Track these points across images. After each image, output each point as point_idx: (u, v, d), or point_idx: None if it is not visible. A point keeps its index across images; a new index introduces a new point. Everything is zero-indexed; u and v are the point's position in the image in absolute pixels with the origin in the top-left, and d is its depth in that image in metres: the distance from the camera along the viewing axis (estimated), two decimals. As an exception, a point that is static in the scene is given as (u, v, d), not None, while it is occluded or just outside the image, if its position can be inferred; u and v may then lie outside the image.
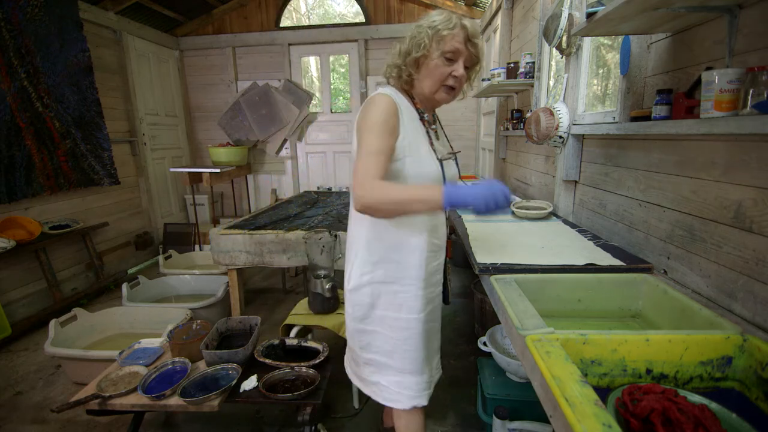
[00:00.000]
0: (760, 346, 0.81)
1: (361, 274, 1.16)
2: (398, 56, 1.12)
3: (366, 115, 1.05)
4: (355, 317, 1.21)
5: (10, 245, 2.59)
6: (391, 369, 1.20)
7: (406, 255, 1.15)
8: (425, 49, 1.06)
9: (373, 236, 1.15)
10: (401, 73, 1.12)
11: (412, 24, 1.13)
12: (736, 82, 0.90)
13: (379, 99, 1.06)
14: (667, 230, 1.29)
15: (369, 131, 1.02)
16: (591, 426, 0.60)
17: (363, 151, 1.00)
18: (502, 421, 1.36)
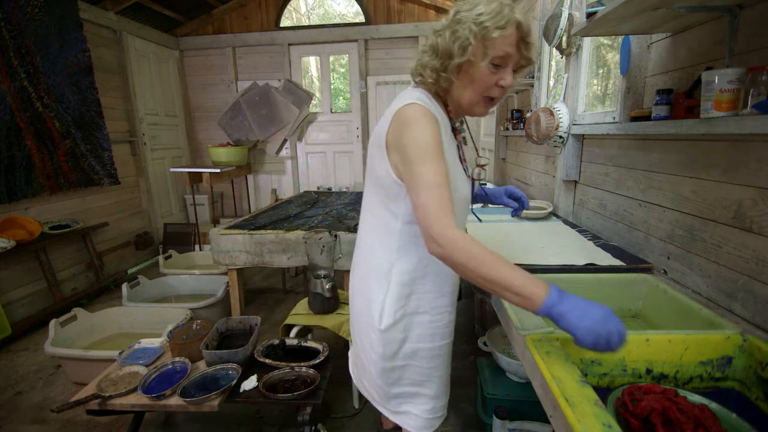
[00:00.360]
0: (760, 346, 0.81)
1: (395, 310, 1.02)
2: (435, 56, 0.92)
3: (406, 136, 0.87)
4: (385, 356, 1.05)
5: (10, 245, 2.59)
6: (422, 397, 1.11)
7: (439, 284, 1.05)
8: (470, 54, 0.86)
9: (404, 268, 1.01)
10: (439, 80, 0.93)
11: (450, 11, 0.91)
12: (736, 82, 0.90)
13: (418, 113, 0.88)
14: (667, 230, 1.29)
15: (422, 160, 0.85)
16: (591, 426, 0.60)
17: (423, 184, 0.84)
18: (502, 421, 1.36)
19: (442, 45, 0.89)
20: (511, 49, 0.87)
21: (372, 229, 1.05)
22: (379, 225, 1.03)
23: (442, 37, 0.89)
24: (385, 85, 4.72)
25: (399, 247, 0.99)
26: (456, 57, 0.87)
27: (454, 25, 0.88)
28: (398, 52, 4.63)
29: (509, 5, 0.85)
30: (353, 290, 1.14)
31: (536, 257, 1.34)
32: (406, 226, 0.97)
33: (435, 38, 0.91)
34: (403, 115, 0.89)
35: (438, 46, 0.90)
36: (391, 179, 0.94)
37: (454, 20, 0.88)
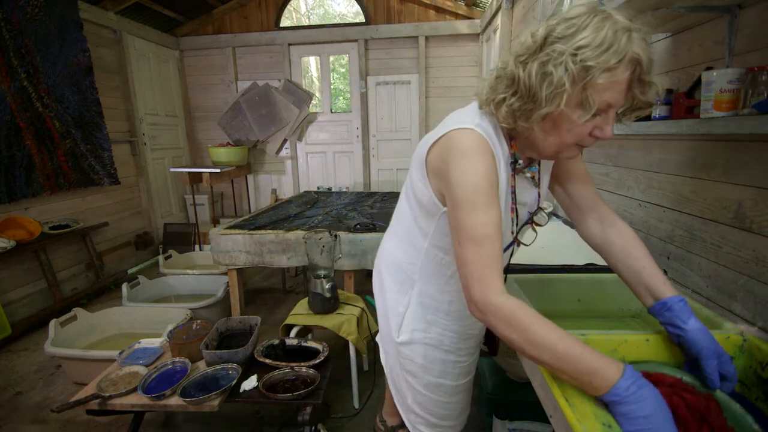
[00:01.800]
0: (760, 346, 0.81)
1: (413, 329, 0.96)
2: (514, 94, 0.70)
3: (455, 170, 0.73)
4: (405, 369, 1.03)
5: (10, 245, 2.59)
6: (441, 428, 1.09)
7: (467, 326, 0.97)
8: (564, 104, 0.65)
9: (426, 292, 0.94)
10: (516, 126, 0.74)
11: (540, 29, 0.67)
12: (736, 82, 0.90)
13: (474, 145, 0.72)
14: (667, 230, 1.29)
15: (471, 207, 0.71)
16: (591, 426, 0.60)
17: (467, 235, 0.71)
18: (502, 421, 1.36)
19: (526, 82, 0.67)
20: (619, 96, 0.66)
21: (398, 239, 0.98)
22: (405, 238, 0.95)
23: (527, 72, 0.67)
24: (385, 85, 4.72)
25: (423, 267, 0.92)
26: (544, 106, 0.67)
27: (544, 56, 0.65)
28: (398, 52, 4.63)
29: (627, 31, 0.63)
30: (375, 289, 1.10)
31: (536, 257, 1.34)
32: (432, 249, 0.89)
33: (515, 68, 0.69)
34: (455, 142, 0.74)
35: (520, 81, 0.68)
36: (428, 197, 0.83)
37: (545, 47, 0.65)
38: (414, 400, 1.06)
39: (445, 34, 4.50)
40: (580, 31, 0.62)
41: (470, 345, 1.01)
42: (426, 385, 1.01)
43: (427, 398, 1.03)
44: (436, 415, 1.06)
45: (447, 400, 1.04)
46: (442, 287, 0.93)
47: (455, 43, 4.52)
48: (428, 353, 0.97)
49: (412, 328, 0.96)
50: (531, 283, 1.21)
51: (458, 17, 4.47)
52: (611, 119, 0.69)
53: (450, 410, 1.06)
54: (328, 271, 1.93)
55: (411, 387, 1.04)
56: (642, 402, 0.59)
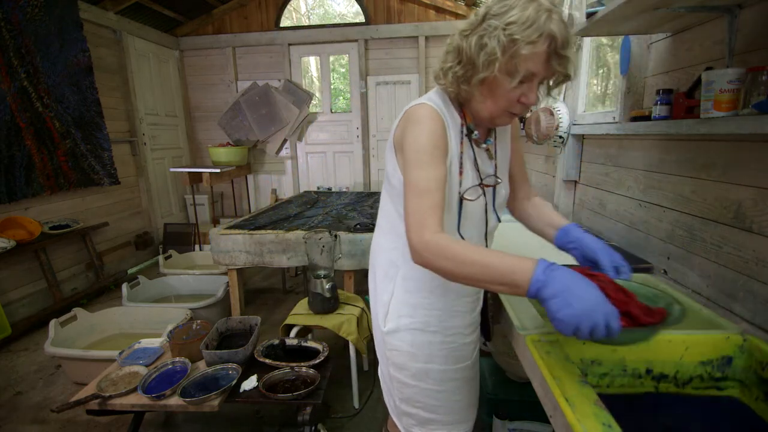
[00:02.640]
0: (760, 346, 0.81)
1: (398, 315, 0.97)
2: (458, 62, 0.83)
3: (408, 136, 0.84)
4: (391, 362, 1.01)
5: (10, 245, 2.59)
6: (435, 423, 1.02)
7: (451, 301, 0.98)
8: (497, 69, 0.77)
9: (409, 275, 0.96)
10: (459, 91, 0.86)
11: (481, 7, 0.80)
12: (736, 82, 0.90)
13: (423, 114, 0.83)
14: (667, 230, 1.29)
15: (416, 163, 0.81)
16: (591, 426, 0.60)
17: (412, 188, 0.80)
18: (502, 421, 1.36)
19: (467, 51, 0.80)
20: (540, 67, 0.77)
21: (382, 228, 1.02)
22: (386, 223, 1.00)
23: (468, 43, 0.79)
24: (385, 85, 4.72)
25: (404, 251, 0.91)
26: (481, 71, 0.79)
27: (481, 30, 0.78)
28: (398, 52, 4.63)
29: (547, 11, 0.74)
30: (370, 284, 1.10)
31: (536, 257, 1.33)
32: None
33: (460, 40, 0.82)
34: (410, 115, 0.85)
35: (463, 51, 0.81)
36: (397, 178, 0.90)
37: (483, 23, 0.78)
38: (402, 397, 1.03)
39: (445, 34, 4.50)
40: (510, 10, 0.74)
41: (456, 324, 0.99)
42: (414, 374, 0.99)
43: (416, 389, 1.00)
44: (427, 408, 1.01)
45: (436, 388, 1.00)
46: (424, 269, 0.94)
47: (455, 43, 4.52)
48: (415, 339, 0.98)
49: (398, 314, 0.98)
50: (531, 283, 1.21)
51: (458, 17, 4.47)
52: (534, 87, 0.81)
53: (441, 401, 1.00)
54: (328, 271, 1.93)
55: (399, 383, 1.02)
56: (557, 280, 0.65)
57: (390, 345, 1.00)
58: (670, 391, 0.87)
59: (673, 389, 0.87)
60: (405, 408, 1.03)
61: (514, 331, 0.93)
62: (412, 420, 1.04)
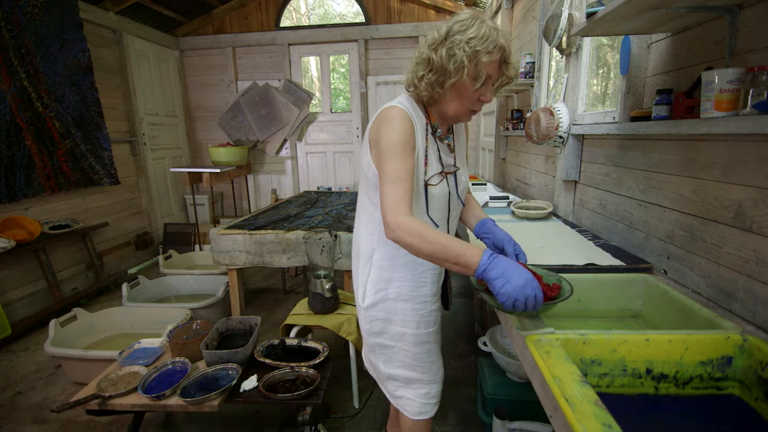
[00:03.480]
0: (760, 346, 0.81)
1: (375, 291, 1.14)
2: (431, 71, 0.99)
3: (382, 134, 0.99)
4: (372, 332, 1.18)
5: (10, 245, 2.59)
6: (417, 382, 1.21)
7: (419, 274, 1.14)
8: (465, 74, 0.95)
9: (384, 254, 1.12)
10: (433, 94, 1.02)
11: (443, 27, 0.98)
12: (736, 82, 0.90)
13: (395, 114, 0.99)
14: (667, 230, 1.29)
15: (390, 156, 0.96)
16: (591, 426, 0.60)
17: (386, 178, 0.96)
18: (502, 421, 1.36)
19: (438, 62, 0.96)
20: (495, 72, 0.98)
21: (360, 218, 1.17)
22: (364, 214, 1.15)
23: (438, 54, 0.96)
24: (385, 85, 4.72)
25: (380, 233, 1.09)
26: (452, 76, 0.96)
27: (448, 44, 0.95)
28: (398, 52, 4.63)
29: (495, 29, 0.95)
30: (353, 272, 1.25)
31: (536, 257, 1.34)
32: None
33: (429, 53, 0.98)
34: (383, 115, 1.01)
35: (434, 62, 0.97)
36: (371, 172, 1.05)
37: (448, 39, 0.96)
38: (384, 359, 1.20)
39: (445, 34, 4.50)
40: (469, 28, 0.94)
41: (424, 293, 1.16)
42: (392, 336, 1.17)
43: (395, 349, 1.18)
44: (408, 367, 1.19)
45: (412, 349, 1.17)
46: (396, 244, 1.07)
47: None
48: (390, 306, 1.15)
49: (376, 290, 1.14)
50: (531, 283, 1.21)
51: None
52: (490, 88, 1.01)
53: (417, 360, 1.18)
54: (328, 271, 1.93)
55: (380, 347, 1.19)
56: (500, 265, 0.86)
57: (370, 317, 1.17)
58: (670, 391, 0.87)
59: (673, 389, 0.87)
60: (389, 371, 1.21)
61: (514, 331, 0.93)
62: (397, 382, 1.22)
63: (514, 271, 0.84)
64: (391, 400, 1.26)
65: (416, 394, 1.21)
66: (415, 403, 1.21)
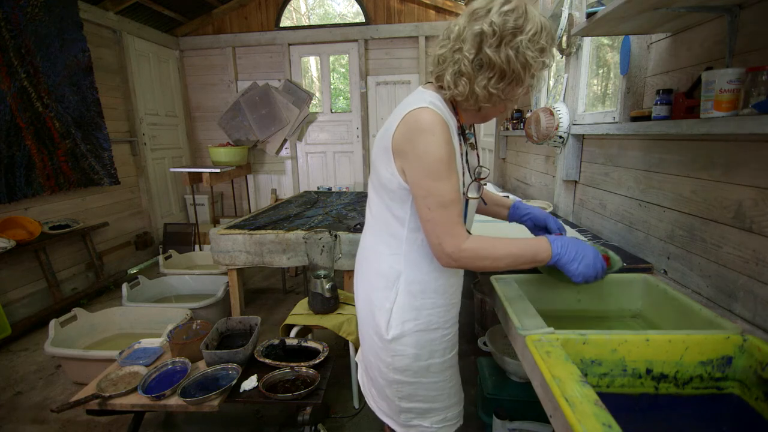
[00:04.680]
0: (760, 346, 0.81)
1: (403, 321, 0.98)
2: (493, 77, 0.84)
3: (421, 147, 0.83)
4: (395, 368, 1.02)
5: (10, 245, 2.59)
6: (435, 411, 1.08)
7: (450, 296, 1.03)
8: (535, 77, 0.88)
9: (413, 278, 0.97)
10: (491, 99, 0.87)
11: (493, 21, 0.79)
12: (736, 82, 0.90)
13: (433, 121, 0.83)
14: (667, 230, 1.29)
15: (434, 176, 0.83)
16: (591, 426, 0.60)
17: (433, 201, 0.84)
18: (502, 421, 1.35)
19: (506, 67, 0.82)
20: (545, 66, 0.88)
21: (377, 233, 1.01)
22: (383, 230, 0.99)
23: (502, 56, 0.81)
24: (385, 85, 4.72)
25: (406, 255, 0.96)
26: (524, 83, 0.86)
27: (512, 44, 0.80)
28: (398, 52, 4.63)
29: (541, 15, 0.84)
30: (358, 295, 1.10)
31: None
32: (411, 233, 0.94)
33: (491, 55, 0.81)
34: (416, 121, 0.84)
35: (498, 66, 0.82)
36: (396, 183, 0.90)
37: (505, 36, 0.80)
38: (402, 395, 1.05)
39: (445, 34, 4.50)
40: (526, 22, 0.80)
41: (453, 314, 1.06)
42: (415, 372, 1.02)
43: (416, 385, 1.03)
44: (427, 399, 1.06)
45: (436, 379, 1.05)
46: (428, 267, 0.97)
47: (455, 43, 4.52)
48: (419, 339, 1.00)
49: (403, 320, 0.98)
50: (531, 283, 1.21)
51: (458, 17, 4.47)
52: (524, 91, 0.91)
53: (439, 390, 1.06)
54: (328, 271, 1.93)
55: (398, 383, 1.04)
56: (569, 250, 0.92)
57: (394, 351, 1.00)
58: (670, 391, 0.87)
59: (673, 389, 0.87)
60: (405, 405, 1.06)
61: (514, 331, 0.93)
62: (411, 414, 1.07)
63: (583, 251, 0.92)
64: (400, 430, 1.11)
65: (432, 421, 1.08)
66: (431, 429, 1.08)
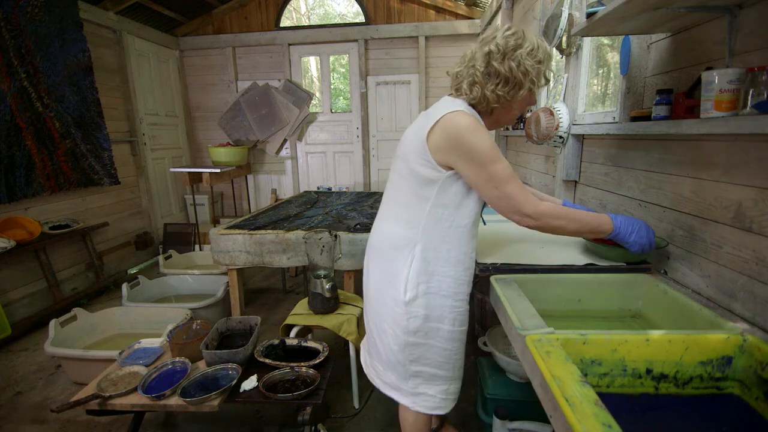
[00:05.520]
0: (760, 346, 0.81)
1: (417, 284, 1.13)
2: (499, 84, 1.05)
3: (474, 142, 1.02)
4: (409, 330, 1.16)
5: (10, 245, 2.59)
6: (439, 379, 1.22)
7: (460, 271, 1.16)
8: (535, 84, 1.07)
9: (430, 246, 1.13)
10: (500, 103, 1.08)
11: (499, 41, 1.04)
12: (736, 82, 0.90)
13: (473, 121, 1.04)
14: (667, 230, 1.29)
15: (492, 161, 1.03)
16: (591, 426, 0.60)
17: (501, 177, 1.04)
18: (502, 421, 1.35)
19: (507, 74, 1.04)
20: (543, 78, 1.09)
21: (398, 216, 1.17)
22: (405, 210, 1.15)
23: (506, 67, 1.03)
24: (385, 85, 4.72)
25: (425, 227, 1.12)
26: (524, 87, 1.05)
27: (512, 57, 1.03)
28: (398, 52, 4.63)
29: (540, 38, 1.07)
30: (372, 279, 1.25)
31: (536, 257, 1.34)
32: (434, 209, 1.11)
33: (497, 67, 1.04)
34: (456, 122, 1.03)
35: (503, 74, 1.04)
36: (430, 169, 1.08)
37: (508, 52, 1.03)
38: (413, 358, 1.18)
39: (445, 34, 4.50)
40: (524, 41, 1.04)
41: (462, 291, 1.19)
42: (426, 333, 1.17)
43: (425, 347, 1.18)
44: (434, 364, 1.19)
45: (444, 345, 1.19)
46: (443, 237, 1.13)
47: (455, 43, 4.52)
48: (430, 301, 1.15)
49: (417, 282, 1.14)
50: (531, 283, 1.21)
51: (458, 17, 4.47)
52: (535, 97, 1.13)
53: (446, 358, 1.20)
54: (328, 271, 1.93)
55: (412, 345, 1.17)
56: (627, 225, 1.13)
57: (409, 314, 1.15)
58: (670, 391, 0.87)
59: (673, 389, 0.87)
60: (415, 368, 1.20)
61: (514, 331, 0.93)
62: (419, 379, 1.21)
63: (637, 225, 1.11)
64: (406, 400, 1.24)
65: (436, 391, 1.22)
66: (434, 399, 1.22)
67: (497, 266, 1.27)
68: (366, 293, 1.29)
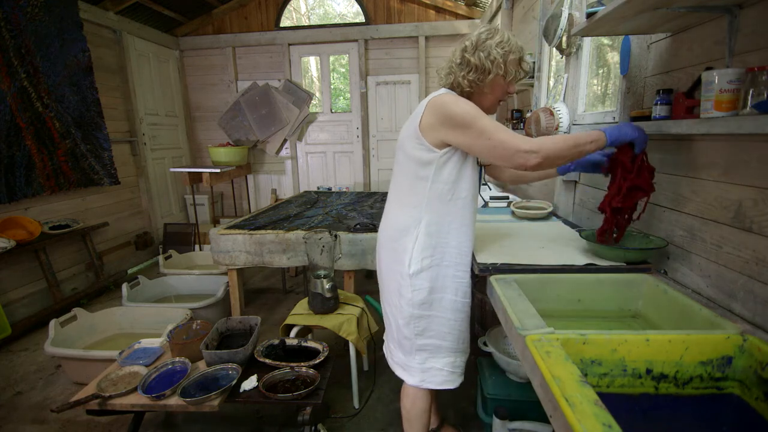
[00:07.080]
0: (760, 346, 0.81)
1: (422, 258, 1.22)
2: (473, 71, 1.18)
3: (456, 110, 1.12)
4: (414, 303, 1.25)
5: (10, 245, 2.59)
6: (445, 350, 1.29)
7: (462, 240, 1.26)
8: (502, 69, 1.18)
9: (431, 220, 1.23)
10: (473, 88, 1.21)
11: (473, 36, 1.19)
12: (736, 82, 0.90)
13: (453, 96, 1.17)
14: (667, 230, 1.29)
15: (478, 118, 1.11)
16: (591, 426, 0.60)
17: (490, 129, 1.11)
18: (502, 421, 1.35)
19: (477, 63, 1.17)
20: (516, 68, 1.20)
21: (402, 201, 1.27)
22: (408, 195, 1.25)
23: (476, 57, 1.17)
24: (385, 85, 4.72)
25: (427, 203, 1.22)
26: (492, 73, 1.17)
27: (482, 48, 1.16)
28: (398, 52, 4.63)
29: (513, 35, 1.20)
30: (383, 261, 1.33)
31: (536, 257, 1.34)
32: (435, 184, 1.20)
33: (469, 57, 1.18)
34: (440, 100, 1.16)
35: (473, 64, 1.18)
36: (425, 151, 1.19)
37: (479, 45, 1.17)
38: (418, 331, 1.26)
39: (445, 34, 4.50)
40: (495, 35, 1.18)
41: (464, 262, 1.27)
42: (431, 304, 1.25)
43: (430, 319, 1.26)
44: (439, 335, 1.27)
45: (447, 315, 1.27)
46: (445, 210, 1.23)
47: (455, 43, 4.47)
48: (433, 273, 1.24)
49: (422, 256, 1.23)
50: (531, 283, 1.21)
51: (458, 17, 4.47)
52: (513, 82, 1.23)
53: (449, 328, 1.28)
54: (328, 271, 1.93)
55: (417, 318, 1.25)
56: (616, 128, 1.15)
57: (414, 286, 1.24)
58: (670, 391, 0.87)
59: (673, 389, 0.87)
60: (420, 341, 1.28)
61: (514, 331, 0.93)
62: (425, 353, 1.29)
63: (622, 125, 1.16)
64: (413, 379, 1.30)
65: (444, 363, 1.29)
66: (442, 372, 1.29)
67: (497, 266, 1.27)
68: (379, 277, 1.38)
